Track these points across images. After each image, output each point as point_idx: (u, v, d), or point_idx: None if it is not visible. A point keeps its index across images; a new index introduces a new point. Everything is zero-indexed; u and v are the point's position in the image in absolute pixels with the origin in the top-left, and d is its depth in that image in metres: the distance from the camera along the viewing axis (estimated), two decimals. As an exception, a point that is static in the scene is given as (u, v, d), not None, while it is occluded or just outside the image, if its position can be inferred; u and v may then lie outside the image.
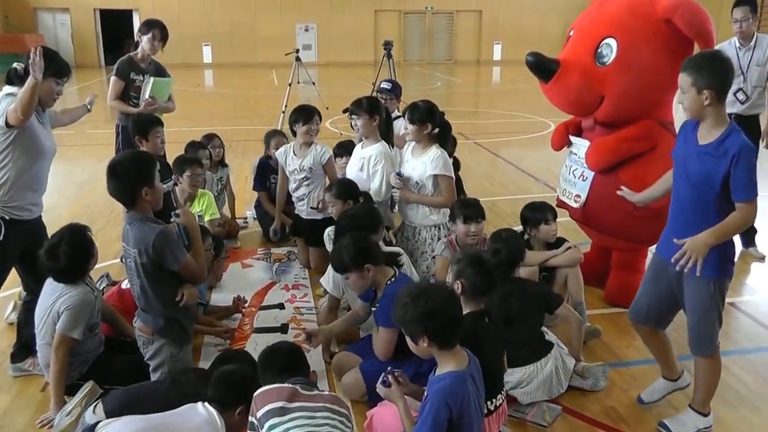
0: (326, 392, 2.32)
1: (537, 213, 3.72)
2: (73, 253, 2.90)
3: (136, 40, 4.93)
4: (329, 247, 4.00)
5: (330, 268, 3.43)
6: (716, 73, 2.40)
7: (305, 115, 4.53)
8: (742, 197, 2.41)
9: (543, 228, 3.67)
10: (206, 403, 2.34)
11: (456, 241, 3.72)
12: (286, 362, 2.35)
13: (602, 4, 3.72)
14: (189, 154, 4.85)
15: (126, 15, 23.94)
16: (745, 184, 2.39)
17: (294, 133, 4.68)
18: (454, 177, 4.13)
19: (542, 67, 3.56)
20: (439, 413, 2.08)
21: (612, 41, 3.43)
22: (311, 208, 4.57)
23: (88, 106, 3.81)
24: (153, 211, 2.81)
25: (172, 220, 2.88)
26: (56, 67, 3.11)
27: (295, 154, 4.62)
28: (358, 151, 4.50)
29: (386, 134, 4.60)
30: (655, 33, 3.39)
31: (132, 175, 2.70)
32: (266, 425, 2.11)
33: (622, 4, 3.57)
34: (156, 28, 4.79)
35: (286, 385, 2.21)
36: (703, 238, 2.43)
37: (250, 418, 2.19)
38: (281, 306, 4.00)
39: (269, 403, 2.14)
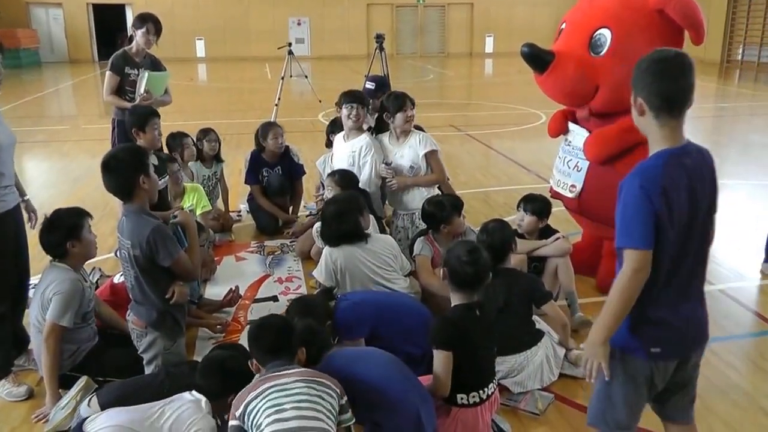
0: (301, 369, 2.30)
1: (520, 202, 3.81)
2: (61, 227, 2.95)
3: (130, 34, 4.92)
4: (318, 242, 4.05)
5: (322, 260, 3.45)
6: (652, 78, 1.89)
7: (340, 125, 4.58)
8: (617, 243, 1.89)
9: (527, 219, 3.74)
10: (194, 392, 2.39)
11: (434, 238, 3.74)
12: (273, 342, 2.34)
13: None
14: (163, 153, 4.76)
15: (119, 9, 23.81)
16: (618, 226, 1.89)
17: (330, 144, 4.82)
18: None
19: (538, 59, 3.56)
20: None
21: (606, 32, 3.45)
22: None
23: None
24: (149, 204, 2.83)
25: (170, 221, 2.91)
26: None
27: (333, 164, 4.69)
28: (342, 144, 4.53)
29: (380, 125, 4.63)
30: (649, 24, 3.42)
31: (127, 167, 2.72)
32: (245, 414, 2.14)
33: None
34: (150, 22, 4.77)
35: (254, 382, 2.24)
36: (591, 337, 1.95)
37: (232, 422, 2.20)
38: (275, 298, 4.01)
39: (243, 401, 2.17)
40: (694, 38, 3.39)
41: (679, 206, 1.87)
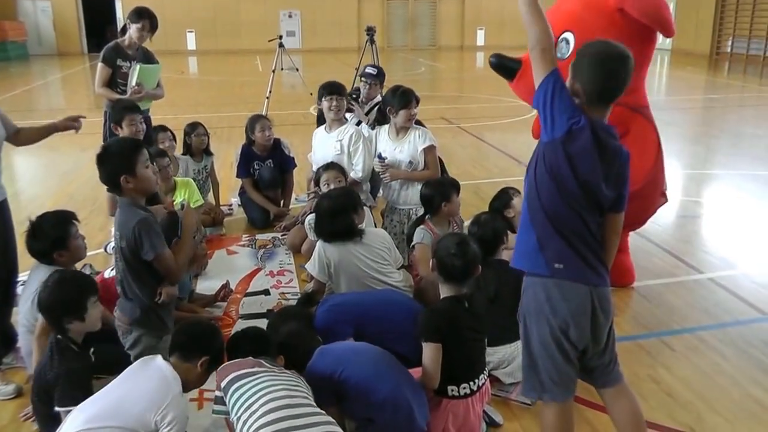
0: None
1: (504, 195, 3.79)
2: (45, 239, 2.91)
3: (123, 24, 4.88)
4: (310, 235, 4.05)
5: (315, 254, 3.45)
6: (588, 71, 2.04)
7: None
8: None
9: (515, 203, 3.73)
10: (160, 359, 2.34)
11: (432, 224, 3.75)
12: (253, 345, 2.39)
13: (562, 2, 3.76)
14: (151, 147, 4.75)
15: (108, 2, 23.56)
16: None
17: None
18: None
19: (505, 68, 3.67)
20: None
21: (569, 35, 3.47)
22: None
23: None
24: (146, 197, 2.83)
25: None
26: None
27: (315, 156, 4.70)
28: (325, 135, 4.56)
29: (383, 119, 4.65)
30: (611, 23, 3.41)
31: (113, 163, 2.70)
32: (231, 389, 2.15)
33: (579, 1, 3.60)
34: (146, 18, 4.73)
35: (249, 358, 2.27)
36: None
37: (216, 393, 2.22)
38: (266, 292, 4.00)
39: (232, 372, 2.19)
40: (662, 33, 3.40)
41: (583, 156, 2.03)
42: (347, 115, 5.09)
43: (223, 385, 2.19)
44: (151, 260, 2.70)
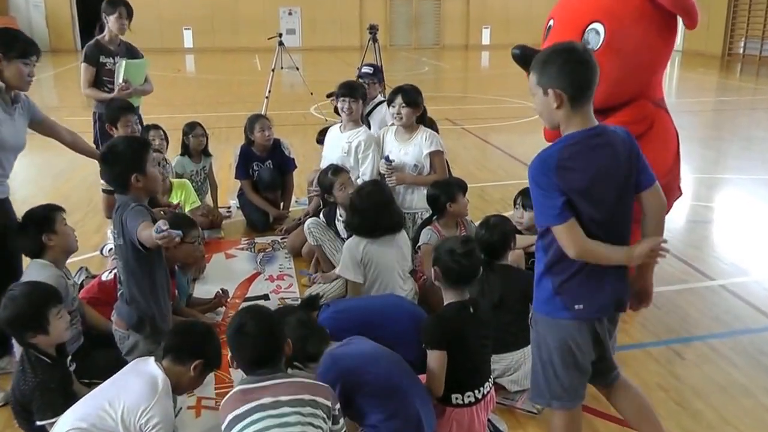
0: (297, 380, 2.14)
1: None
2: (31, 223, 2.89)
3: (100, 21, 4.78)
4: (310, 240, 3.98)
5: (346, 257, 3.37)
6: (564, 72, 2.00)
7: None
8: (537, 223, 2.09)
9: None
10: (152, 361, 2.30)
11: (439, 226, 3.72)
12: (254, 354, 2.17)
13: None
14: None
15: (103, -3, 23.41)
16: (536, 209, 2.08)
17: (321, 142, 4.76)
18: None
19: (530, 60, 3.46)
20: None
21: (599, 26, 3.38)
22: None
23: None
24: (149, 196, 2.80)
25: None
26: (20, 48, 2.97)
27: (324, 153, 4.65)
28: (338, 134, 4.47)
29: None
30: (641, 13, 3.35)
31: (122, 162, 2.65)
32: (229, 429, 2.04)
33: None
34: (121, 5, 4.62)
35: (252, 386, 2.09)
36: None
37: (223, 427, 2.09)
38: (266, 297, 3.93)
39: (232, 411, 2.05)
40: (687, 24, 3.34)
41: (591, 180, 2.00)
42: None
43: (223, 428, 2.06)
44: (137, 239, 2.52)
